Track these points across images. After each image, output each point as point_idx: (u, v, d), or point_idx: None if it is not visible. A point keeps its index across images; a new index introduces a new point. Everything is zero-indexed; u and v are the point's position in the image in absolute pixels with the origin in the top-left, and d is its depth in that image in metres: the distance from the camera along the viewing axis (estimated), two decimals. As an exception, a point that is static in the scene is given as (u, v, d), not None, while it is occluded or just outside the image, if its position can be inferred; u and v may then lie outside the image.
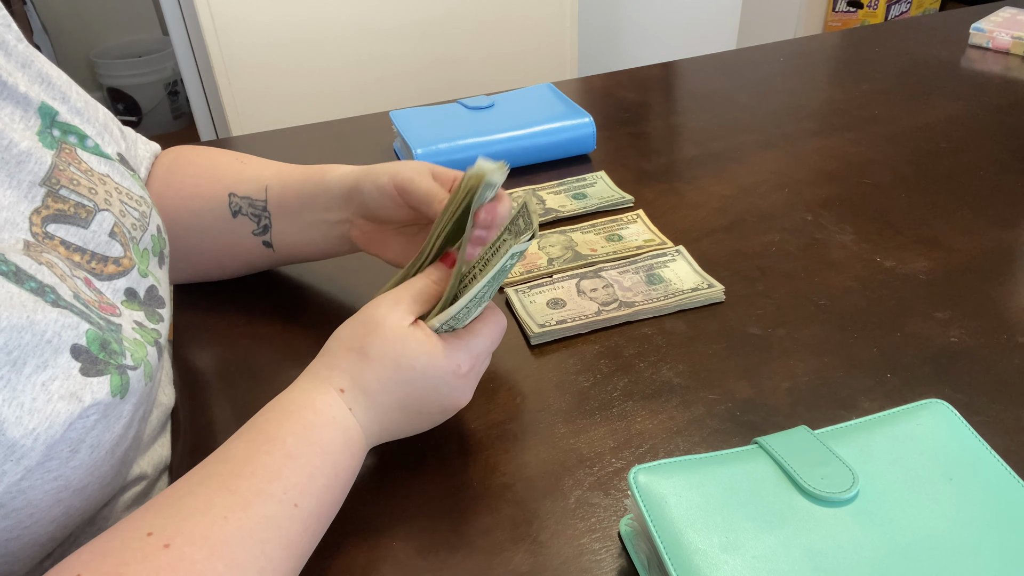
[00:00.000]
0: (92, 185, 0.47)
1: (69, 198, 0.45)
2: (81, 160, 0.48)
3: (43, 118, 0.47)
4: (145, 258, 0.50)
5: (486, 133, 0.82)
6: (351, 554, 0.44)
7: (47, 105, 0.47)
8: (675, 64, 1.12)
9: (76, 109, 0.50)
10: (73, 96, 0.51)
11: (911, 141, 0.86)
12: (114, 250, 0.46)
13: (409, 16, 1.52)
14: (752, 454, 0.42)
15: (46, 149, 0.45)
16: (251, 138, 0.97)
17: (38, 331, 0.37)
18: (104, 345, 0.40)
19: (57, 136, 0.47)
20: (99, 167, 0.49)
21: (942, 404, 0.45)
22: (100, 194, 0.47)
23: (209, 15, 1.37)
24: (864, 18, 2.65)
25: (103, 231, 0.46)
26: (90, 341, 0.40)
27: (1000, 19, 1.10)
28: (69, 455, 0.39)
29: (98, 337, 0.40)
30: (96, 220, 0.46)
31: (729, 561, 0.37)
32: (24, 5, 2.51)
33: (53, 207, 0.44)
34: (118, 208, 0.48)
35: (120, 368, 0.41)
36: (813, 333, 0.58)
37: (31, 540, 0.40)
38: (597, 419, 0.52)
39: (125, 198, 0.50)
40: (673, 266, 0.65)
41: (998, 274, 0.64)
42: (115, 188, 0.49)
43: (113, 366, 0.40)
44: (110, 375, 0.40)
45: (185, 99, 2.74)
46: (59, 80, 0.50)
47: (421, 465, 0.49)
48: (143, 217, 0.51)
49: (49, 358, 0.37)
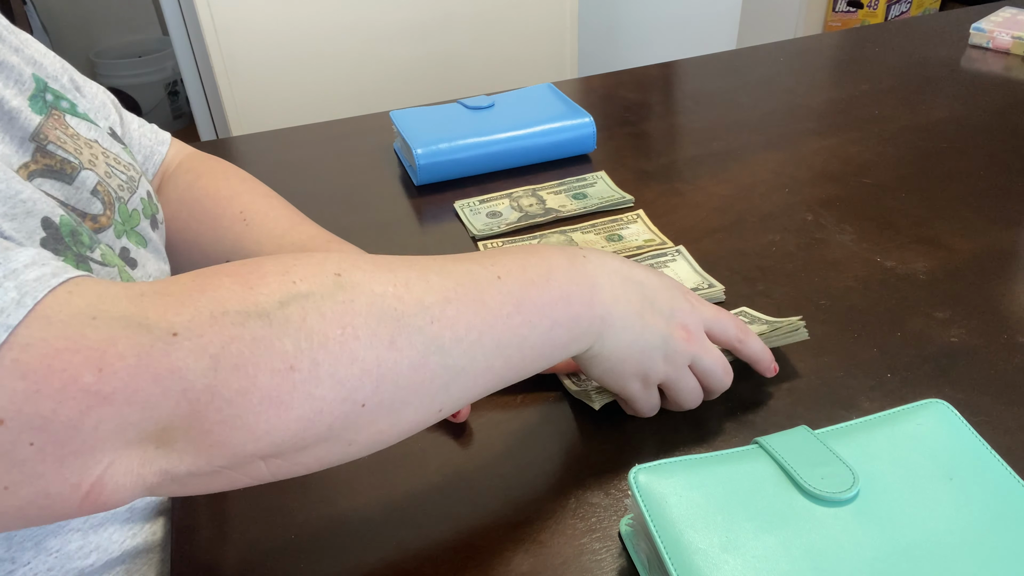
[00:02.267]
0: (78, 147, 0.47)
1: (56, 154, 0.45)
2: (68, 125, 0.48)
3: (37, 83, 0.47)
4: (134, 218, 0.50)
5: (486, 133, 0.82)
6: (352, 554, 0.44)
7: (39, 77, 0.48)
8: (675, 64, 1.12)
9: (70, 86, 0.50)
10: (66, 77, 0.51)
11: (911, 141, 0.86)
12: (94, 207, 0.46)
13: (409, 16, 1.52)
14: (752, 454, 0.42)
15: (35, 114, 0.46)
16: (251, 138, 0.97)
17: (14, 190, 0.37)
18: (74, 234, 0.40)
19: (49, 100, 0.47)
20: (87, 133, 0.49)
21: (942, 404, 0.45)
22: (85, 155, 0.47)
23: (209, 15, 1.37)
24: (864, 18, 2.65)
25: (85, 188, 0.46)
26: (63, 224, 0.39)
27: (1000, 19, 1.10)
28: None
29: (70, 225, 0.40)
30: (80, 177, 0.46)
31: (729, 561, 0.37)
32: (24, 5, 2.51)
33: (41, 162, 0.44)
34: (103, 169, 0.48)
35: (79, 257, 0.40)
36: (813, 333, 0.58)
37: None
38: (597, 419, 0.52)
39: (112, 162, 0.50)
40: (673, 266, 0.65)
41: (998, 274, 0.64)
42: (102, 152, 0.49)
43: (72, 253, 0.39)
44: (65, 258, 0.38)
45: (185, 99, 2.74)
46: (52, 64, 0.51)
47: (421, 465, 0.49)
48: (131, 181, 0.51)
49: (20, 215, 0.37)
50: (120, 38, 2.83)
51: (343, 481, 0.48)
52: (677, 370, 0.47)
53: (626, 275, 0.46)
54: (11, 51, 0.47)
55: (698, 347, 0.47)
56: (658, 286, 0.47)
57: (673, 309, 0.47)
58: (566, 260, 0.44)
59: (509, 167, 0.84)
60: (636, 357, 0.46)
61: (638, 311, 0.45)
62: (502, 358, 0.40)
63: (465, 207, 0.77)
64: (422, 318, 0.37)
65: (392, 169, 0.86)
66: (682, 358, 0.47)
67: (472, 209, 0.76)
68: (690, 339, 0.47)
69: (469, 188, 0.81)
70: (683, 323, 0.47)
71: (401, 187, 0.82)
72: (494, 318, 0.39)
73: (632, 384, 0.47)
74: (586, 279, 0.44)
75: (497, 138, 0.82)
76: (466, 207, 0.77)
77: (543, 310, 0.41)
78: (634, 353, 0.45)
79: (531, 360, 0.42)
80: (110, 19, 2.80)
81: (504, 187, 0.81)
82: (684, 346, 0.47)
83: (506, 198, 0.78)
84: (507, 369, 0.41)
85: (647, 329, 0.45)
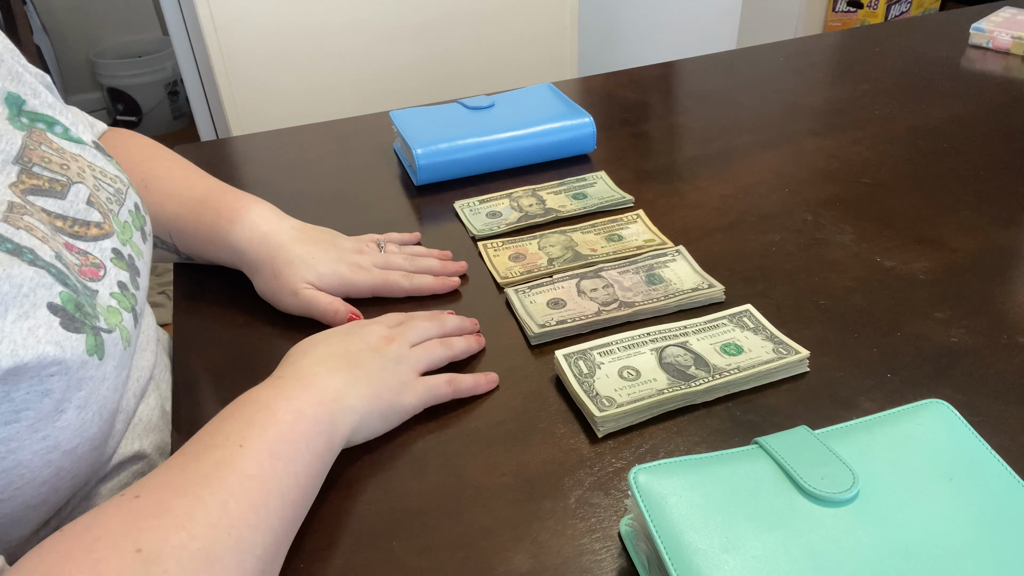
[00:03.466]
0: (64, 162, 0.48)
1: (42, 175, 0.45)
2: (52, 141, 0.48)
3: (10, 107, 0.47)
4: (127, 229, 0.51)
5: (486, 133, 0.82)
6: (351, 554, 0.44)
7: (14, 94, 0.48)
8: (675, 64, 1.12)
9: (46, 103, 0.51)
10: (43, 93, 0.52)
11: (911, 141, 0.86)
12: (93, 216, 0.47)
13: (409, 16, 1.52)
14: (752, 454, 0.42)
15: (16, 131, 0.46)
16: (251, 138, 0.97)
17: (15, 284, 0.38)
18: (78, 306, 0.41)
19: (25, 123, 0.47)
20: (70, 148, 0.49)
21: (942, 404, 0.45)
22: (72, 169, 0.48)
23: (209, 15, 1.37)
24: (864, 18, 2.65)
25: (80, 200, 0.47)
26: (64, 301, 0.40)
27: (1000, 19, 1.10)
28: (56, 414, 0.39)
29: (72, 299, 0.41)
30: (72, 191, 0.46)
31: (729, 561, 0.37)
32: (24, 5, 2.50)
33: (28, 183, 0.44)
34: (92, 182, 0.49)
35: (95, 329, 0.42)
36: (813, 333, 0.58)
37: (24, 502, 0.40)
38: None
39: (99, 175, 0.50)
40: (673, 266, 0.65)
41: (998, 274, 0.64)
42: (88, 165, 0.50)
43: (88, 326, 0.41)
44: (85, 334, 0.41)
45: (185, 99, 2.74)
46: (30, 78, 0.51)
47: (421, 465, 0.49)
48: (119, 193, 0.51)
49: (29, 310, 0.38)
50: (120, 38, 2.83)
51: (343, 481, 0.48)
52: (413, 356, 0.53)
53: (309, 355, 0.50)
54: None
55: (400, 332, 0.54)
56: (342, 333, 0.53)
57: (360, 328, 0.53)
58: (272, 392, 0.46)
59: (509, 167, 0.84)
60: (381, 390, 0.50)
61: (346, 368, 0.49)
62: (290, 497, 0.42)
63: (465, 207, 0.77)
64: (222, 538, 0.37)
65: (392, 169, 0.86)
66: (401, 349, 0.53)
67: (472, 209, 0.76)
68: (391, 335, 0.53)
69: (469, 188, 0.81)
70: (380, 334, 0.53)
71: (401, 187, 0.82)
72: (263, 483, 0.40)
73: (413, 398, 0.51)
74: (290, 393, 0.46)
75: (497, 138, 0.82)
76: (466, 207, 0.77)
77: (293, 444, 0.43)
78: (378, 391, 0.50)
79: (316, 471, 0.44)
80: (110, 19, 2.80)
81: (504, 187, 0.81)
82: (395, 346, 0.52)
83: (506, 198, 0.78)
84: (302, 496, 0.43)
85: (362, 367, 0.50)
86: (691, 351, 0.55)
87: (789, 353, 0.55)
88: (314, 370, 0.48)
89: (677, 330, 0.57)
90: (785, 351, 0.55)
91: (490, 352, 0.58)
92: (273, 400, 0.44)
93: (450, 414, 0.53)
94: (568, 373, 0.53)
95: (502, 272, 0.67)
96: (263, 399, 0.44)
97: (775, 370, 0.54)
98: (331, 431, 0.45)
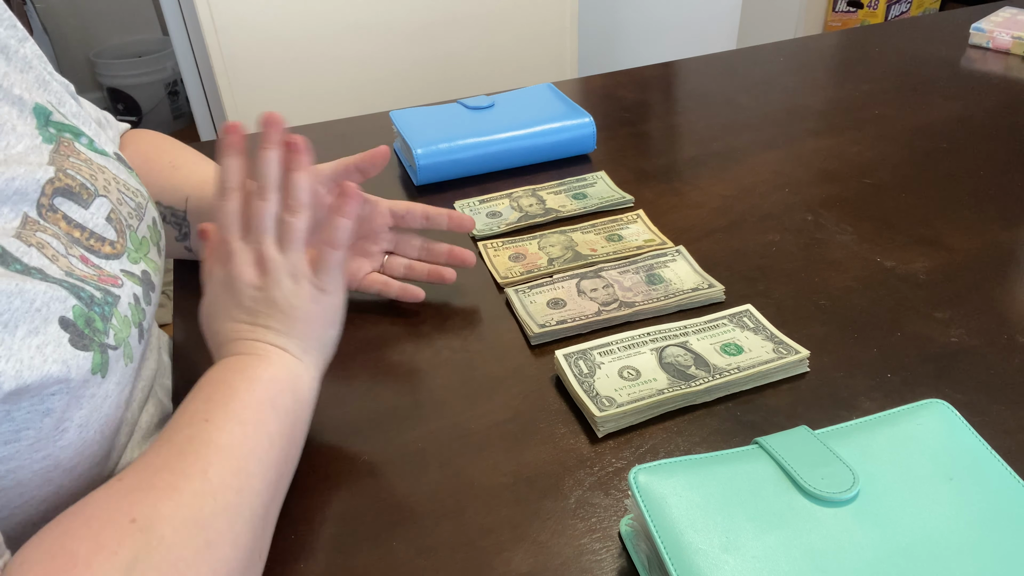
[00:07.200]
0: (92, 172, 0.49)
1: (76, 176, 0.47)
2: (80, 151, 0.49)
3: (38, 117, 0.48)
4: (144, 245, 0.51)
5: (486, 133, 0.82)
6: (352, 554, 0.44)
7: (41, 105, 0.49)
8: (675, 64, 1.12)
9: (71, 113, 0.52)
10: (69, 102, 0.53)
11: (911, 141, 0.86)
12: (109, 234, 0.48)
13: (409, 16, 1.52)
14: (752, 454, 0.42)
15: (45, 143, 0.47)
16: (251, 138, 0.97)
17: (27, 299, 0.38)
18: (89, 322, 0.41)
19: (53, 133, 0.48)
20: (97, 159, 0.50)
21: (942, 404, 0.45)
22: (99, 180, 0.49)
23: (209, 15, 1.37)
24: (864, 18, 2.65)
25: (100, 215, 0.47)
26: (76, 316, 0.41)
27: (1000, 19, 1.10)
28: (57, 434, 0.39)
29: (83, 314, 0.41)
30: (95, 204, 0.47)
31: (729, 561, 0.37)
32: (24, 5, 2.51)
33: (64, 180, 0.45)
34: (116, 196, 0.49)
35: (102, 347, 0.42)
36: (813, 333, 0.58)
37: (24, 519, 0.41)
38: (597, 419, 0.52)
39: (122, 188, 0.51)
40: (673, 266, 0.65)
41: (998, 274, 0.64)
42: (113, 178, 0.51)
43: (96, 343, 0.41)
44: (93, 352, 0.41)
45: (185, 99, 2.74)
46: (57, 86, 0.52)
47: (421, 465, 0.49)
48: (139, 208, 0.52)
49: (40, 325, 0.38)
50: (120, 38, 2.83)
51: (343, 481, 0.48)
52: (293, 257, 0.48)
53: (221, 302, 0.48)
54: (18, 71, 0.49)
55: (260, 250, 0.48)
56: (222, 289, 0.48)
57: (230, 275, 0.48)
58: (223, 369, 0.45)
59: (509, 167, 0.84)
60: (303, 312, 0.47)
61: (261, 318, 0.47)
62: (269, 459, 0.42)
63: (465, 207, 0.77)
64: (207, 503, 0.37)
65: (392, 169, 0.86)
66: (278, 264, 0.47)
67: (472, 209, 0.76)
68: (260, 258, 0.48)
69: (469, 188, 0.81)
70: (250, 269, 0.47)
71: (401, 187, 0.82)
72: (237, 449, 0.40)
73: (331, 290, 0.48)
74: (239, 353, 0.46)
75: (497, 138, 0.82)
76: (466, 207, 0.77)
77: (257, 409, 0.43)
78: (303, 316, 0.47)
79: (290, 428, 0.44)
80: (110, 19, 2.80)
81: (504, 187, 0.81)
82: (273, 266, 0.47)
83: (506, 198, 0.78)
84: (282, 456, 0.43)
85: (270, 308, 0.47)
86: (691, 351, 0.55)
87: (789, 353, 0.55)
88: (240, 334, 0.46)
89: (677, 330, 0.57)
90: (785, 351, 0.55)
91: (491, 352, 0.58)
92: (227, 375, 0.44)
93: (450, 414, 0.53)
94: (568, 373, 0.53)
95: (502, 272, 0.67)
96: (216, 378, 0.44)
97: (775, 370, 0.54)
98: (293, 385, 0.45)
